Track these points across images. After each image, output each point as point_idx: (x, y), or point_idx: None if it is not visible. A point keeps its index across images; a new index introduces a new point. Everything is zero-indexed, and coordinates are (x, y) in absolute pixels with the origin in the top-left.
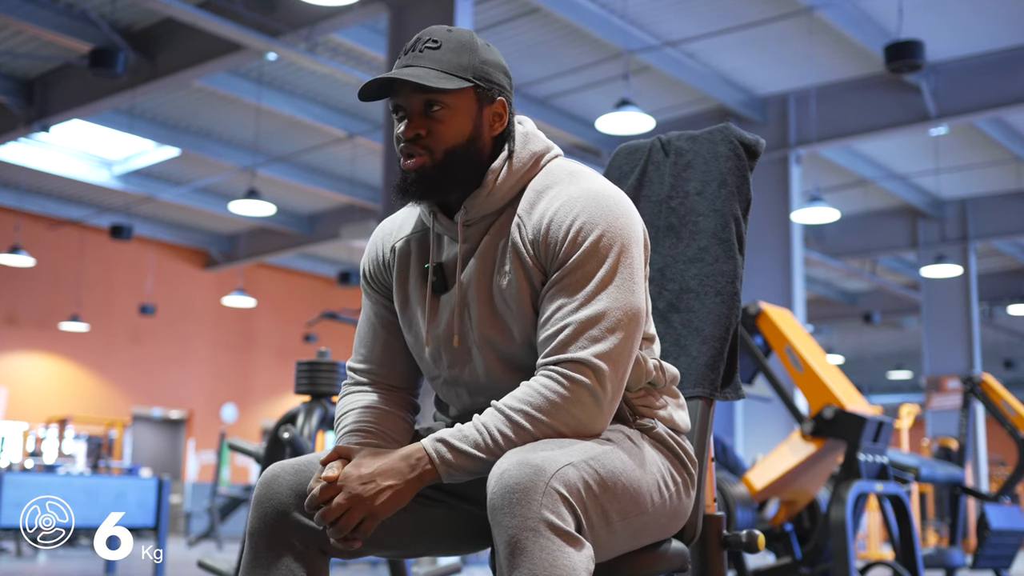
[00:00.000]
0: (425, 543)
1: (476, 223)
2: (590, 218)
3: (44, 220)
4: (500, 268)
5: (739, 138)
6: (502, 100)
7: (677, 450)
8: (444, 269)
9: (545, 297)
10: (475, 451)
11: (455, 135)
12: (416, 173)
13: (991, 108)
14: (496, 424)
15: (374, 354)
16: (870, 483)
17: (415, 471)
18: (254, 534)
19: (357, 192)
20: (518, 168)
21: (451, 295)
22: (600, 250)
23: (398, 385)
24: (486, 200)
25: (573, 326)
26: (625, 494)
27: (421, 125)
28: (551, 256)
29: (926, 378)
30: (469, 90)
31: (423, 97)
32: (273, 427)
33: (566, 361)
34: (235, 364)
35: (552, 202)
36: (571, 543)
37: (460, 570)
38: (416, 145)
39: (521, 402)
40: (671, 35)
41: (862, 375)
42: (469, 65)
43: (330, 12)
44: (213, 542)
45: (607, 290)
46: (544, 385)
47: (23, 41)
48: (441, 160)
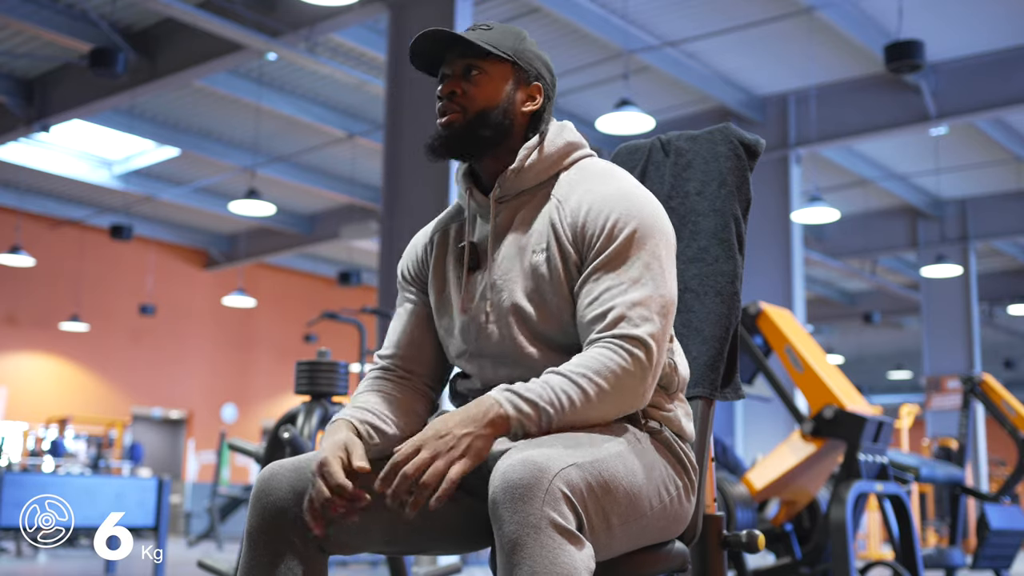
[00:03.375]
0: (425, 540)
1: (509, 200)
2: (625, 213)
3: (44, 220)
4: (536, 245)
5: (739, 138)
6: (538, 85)
7: (681, 455)
8: (477, 248)
9: (589, 280)
10: (543, 403)
11: (487, 99)
12: (447, 128)
13: (991, 108)
14: (560, 384)
15: (399, 341)
16: (870, 483)
17: (487, 417)
18: (252, 532)
19: (357, 192)
20: (551, 152)
21: (485, 270)
22: (637, 242)
23: (417, 371)
24: (518, 177)
25: (624, 306)
26: (626, 497)
27: (457, 85)
28: (588, 245)
29: (926, 378)
30: (507, 65)
31: (464, 62)
32: (273, 427)
33: (623, 336)
34: (235, 364)
35: (587, 195)
36: (572, 541)
37: (460, 570)
38: (451, 102)
39: (581, 367)
40: (671, 35)
41: (862, 375)
42: (512, 47)
43: (330, 12)
44: (213, 542)
45: (649, 277)
46: (602, 354)
47: (23, 41)
48: (471, 119)
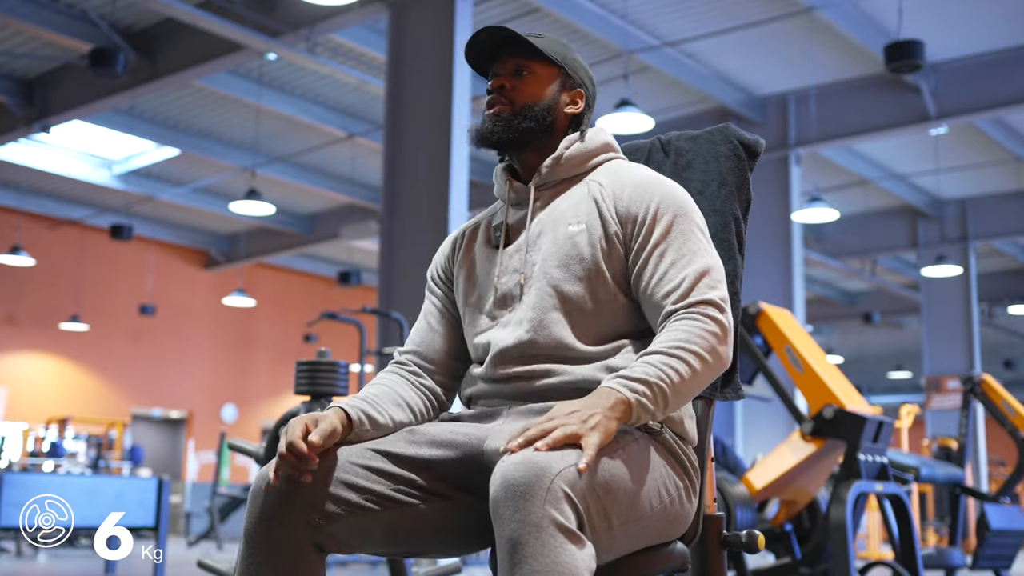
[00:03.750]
0: (425, 541)
1: (548, 187)
2: (667, 196)
3: (44, 220)
4: (573, 218)
5: (739, 138)
6: (580, 91)
7: (681, 457)
8: (511, 228)
9: (649, 260)
10: (655, 380)
11: (533, 95)
12: (494, 117)
13: (991, 108)
14: (662, 361)
15: (417, 339)
16: (870, 483)
17: (610, 401)
18: (251, 529)
19: (357, 192)
20: (590, 147)
21: (520, 243)
22: (683, 220)
23: (432, 366)
24: (557, 166)
25: (693, 276)
26: (627, 497)
27: (507, 80)
28: (637, 228)
29: (926, 378)
30: (555, 69)
31: (515, 61)
32: (273, 427)
33: (699, 302)
34: (235, 364)
35: (626, 180)
36: (573, 541)
37: (460, 570)
38: (500, 95)
39: (674, 341)
40: (671, 35)
41: (862, 375)
42: (561, 54)
43: (330, 12)
44: (213, 542)
45: (703, 250)
46: (688, 326)
47: (23, 41)
48: (516, 111)
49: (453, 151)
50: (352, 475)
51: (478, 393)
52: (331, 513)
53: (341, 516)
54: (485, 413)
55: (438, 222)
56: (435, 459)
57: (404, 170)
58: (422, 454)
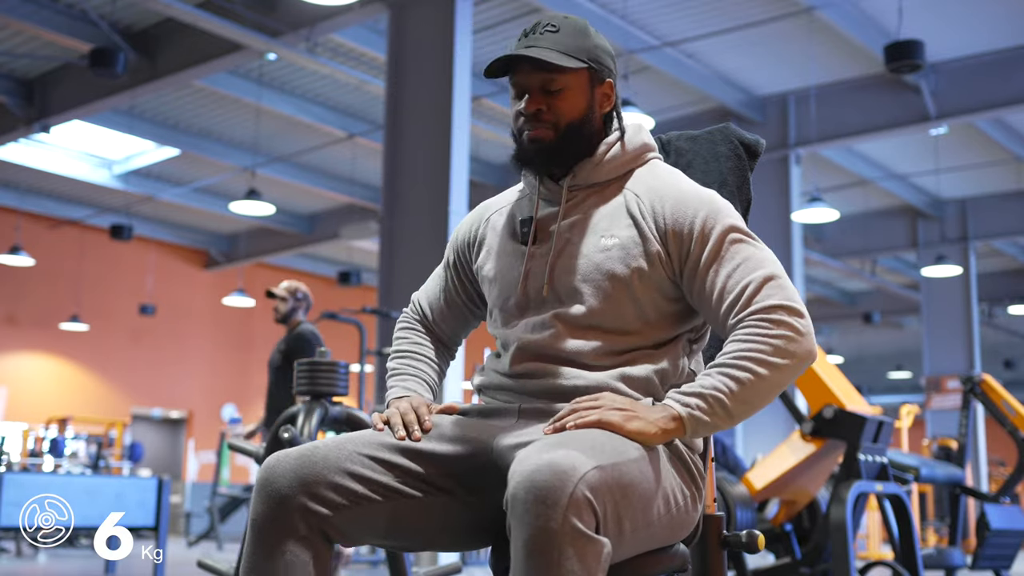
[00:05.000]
0: (426, 535)
1: (582, 189)
2: (710, 209)
3: (44, 220)
4: (606, 231)
5: (739, 138)
6: (610, 82)
7: (690, 465)
8: (539, 224)
9: (706, 279)
10: (708, 391)
11: (572, 111)
12: (538, 144)
13: (991, 108)
14: (719, 371)
15: (434, 308)
16: (870, 483)
17: (658, 412)
18: (257, 521)
19: (357, 192)
20: (630, 150)
21: (546, 246)
22: (732, 232)
23: (439, 336)
24: (595, 169)
25: (755, 282)
26: (639, 503)
27: (542, 101)
28: (685, 246)
29: (926, 378)
30: (584, 70)
31: (542, 76)
32: (273, 427)
33: (761, 309)
34: (235, 364)
35: (666, 194)
36: (591, 545)
37: (460, 570)
38: (538, 120)
39: (734, 351)
40: (671, 35)
41: (862, 375)
42: (584, 48)
43: (330, 12)
44: (213, 542)
45: (757, 255)
46: (748, 334)
47: (23, 41)
48: (562, 134)
49: (453, 151)
50: (359, 466)
51: (491, 384)
52: (337, 503)
53: (346, 507)
54: (494, 409)
55: (438, 222)
56: (444, 454)
57: (404, 170)
58: (431, 448)
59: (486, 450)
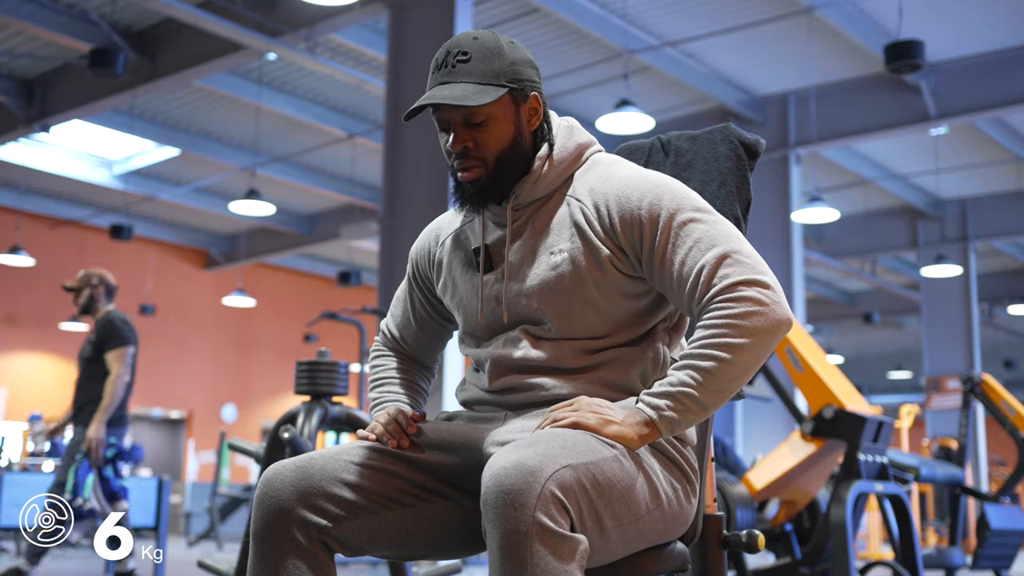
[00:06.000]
0: (429, 544)
1: (526, 207)
2: (652, 193)
3: (44, 220)
4: (554, 246)
5: (739, 138)
6: (535, 95)
7: (677, 458)
8: (490, 250)
9: (663, 268)
10: (675, 388)
11: (500, 141)
12: (472, 184)
13: (991, 108)
14: (685, 364)
15: (404, 330)
16: (870, 483)
17: (634, 416)
18: (258, 533)
19: (357, 192)
20: (564, 157)
21: (499, 272)
22: (680, 213)
23: (415, 355)
24: (534, 186)
25: (709, 265)
26: (620, 500)
27: (467, 137)
28: (634, 238)
29: (926, 378)
30: (505, 95)
31: (463, 111)
32: (273, 427)
33: (720, 290)
34: (235, 364)
35: (606, 188)
36: (564, 543)
37: (460, 570)
38: (467, 158)
39: (698, 341)
40: (671, 35)
41: (862, 375)
42: (499, 70)
43: (330, 12)
44: (213, 542)
45: (711, 234)
46: (711, 320)
47: (23, 41)
48: (493, 168)
49: None
50: (355, 476)
51: (475, 400)
52: (335, 514)
53: (345, 517)
54: (484, 417)
55: None
56: (436, 462)
57: (404, 170)
58: (423, 456)
59: (477, 455)
